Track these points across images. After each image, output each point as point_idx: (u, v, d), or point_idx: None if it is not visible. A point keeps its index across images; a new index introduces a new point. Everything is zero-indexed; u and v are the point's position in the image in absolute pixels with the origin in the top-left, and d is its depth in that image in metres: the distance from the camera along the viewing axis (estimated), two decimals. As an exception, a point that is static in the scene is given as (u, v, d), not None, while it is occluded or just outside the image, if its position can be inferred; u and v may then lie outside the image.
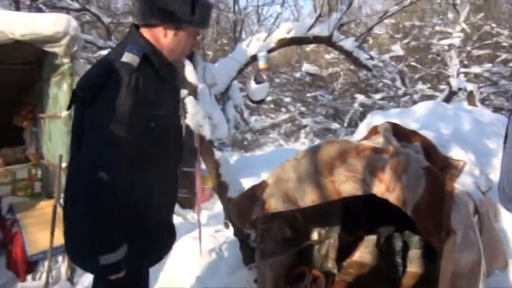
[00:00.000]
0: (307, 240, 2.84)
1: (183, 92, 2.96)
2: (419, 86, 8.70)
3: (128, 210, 1.40)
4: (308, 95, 10.03)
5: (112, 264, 1.36)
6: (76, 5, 7.10)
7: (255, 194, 2.31)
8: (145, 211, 1.50)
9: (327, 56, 10.03)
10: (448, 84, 6.89)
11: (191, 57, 3.34)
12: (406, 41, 8.81)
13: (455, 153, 2.46)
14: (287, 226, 2.67)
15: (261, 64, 4.46)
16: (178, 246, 3.23)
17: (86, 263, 1.54)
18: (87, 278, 2.97)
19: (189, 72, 3.02)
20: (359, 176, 2.00)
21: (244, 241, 2.77)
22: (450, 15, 9.07)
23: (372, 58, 5.34)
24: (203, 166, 3.33)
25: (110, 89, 1.34)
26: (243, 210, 2.38)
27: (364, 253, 3.11)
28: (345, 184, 2.06)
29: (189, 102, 2.90)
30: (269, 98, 9.60)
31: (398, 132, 2.40)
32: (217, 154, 2.97)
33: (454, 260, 1.64)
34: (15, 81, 4.10)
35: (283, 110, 10.21)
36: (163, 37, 1.49)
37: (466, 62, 8.69)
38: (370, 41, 9.72)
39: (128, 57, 1.39)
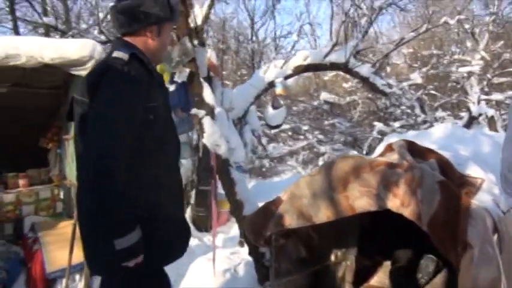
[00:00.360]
0: (323, 261, 2.80)
1: (201, 113, 3.04)
2: (439, 113, 8.58)
3: (129, 207, 1.39)
4: (326, 122, 10.03)
5: (127, 249, 1.37)
6: (102, 37, 7.49)
7: (269, 211, 2.32)
8: (147, 208, 1.49)
9: (344, 85, 10.10)
10: (468, 109, 6.78)
11: (210, 81, 3.43)
12: (425, 69, 8.79)
13: (474, 172, 2.40)
14: (302, 245, 2.64)
15: (278, 90, 4.54)
16: (193, 267, 3.23)
17: (101, 264, 1.51)
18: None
19: (207, 94, 3.11)
20: (373, 191, 2.00)
21: (259, 260, 2.75)
22: (468, 44, 9.06)
23: (389, 86, 5.33)
24: (220, 190, 3.35)
25: (106, 82, 1.42)
26: (257, 226, 2.38)
27: (382, 278, 3.02)
28: (359, 199, 2.05)
29: (206, 122, 2.97)
30: (287, 126, 9.64)
31: (414, 150, 2.39)
32: (233, 173, 3.01)
33: (472, 276, 1.59)
34: (45, 105, 4.25)
35: (301, 137, 10.20)
36: (150, 39, 1.61)
37: (486, 89, 8.58)
38: (388, 70, 9.75)
39: (117, 54, 1.49)
